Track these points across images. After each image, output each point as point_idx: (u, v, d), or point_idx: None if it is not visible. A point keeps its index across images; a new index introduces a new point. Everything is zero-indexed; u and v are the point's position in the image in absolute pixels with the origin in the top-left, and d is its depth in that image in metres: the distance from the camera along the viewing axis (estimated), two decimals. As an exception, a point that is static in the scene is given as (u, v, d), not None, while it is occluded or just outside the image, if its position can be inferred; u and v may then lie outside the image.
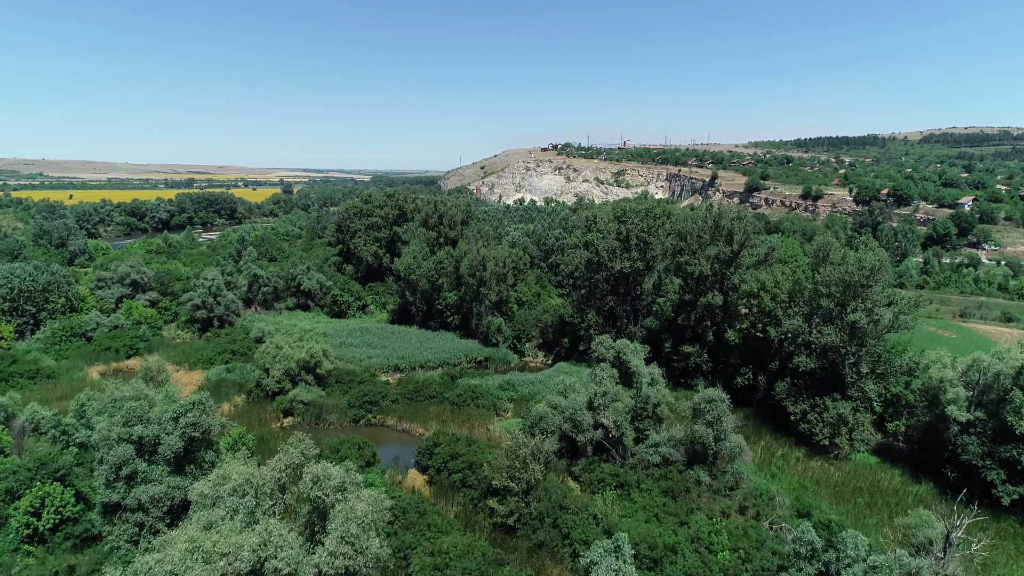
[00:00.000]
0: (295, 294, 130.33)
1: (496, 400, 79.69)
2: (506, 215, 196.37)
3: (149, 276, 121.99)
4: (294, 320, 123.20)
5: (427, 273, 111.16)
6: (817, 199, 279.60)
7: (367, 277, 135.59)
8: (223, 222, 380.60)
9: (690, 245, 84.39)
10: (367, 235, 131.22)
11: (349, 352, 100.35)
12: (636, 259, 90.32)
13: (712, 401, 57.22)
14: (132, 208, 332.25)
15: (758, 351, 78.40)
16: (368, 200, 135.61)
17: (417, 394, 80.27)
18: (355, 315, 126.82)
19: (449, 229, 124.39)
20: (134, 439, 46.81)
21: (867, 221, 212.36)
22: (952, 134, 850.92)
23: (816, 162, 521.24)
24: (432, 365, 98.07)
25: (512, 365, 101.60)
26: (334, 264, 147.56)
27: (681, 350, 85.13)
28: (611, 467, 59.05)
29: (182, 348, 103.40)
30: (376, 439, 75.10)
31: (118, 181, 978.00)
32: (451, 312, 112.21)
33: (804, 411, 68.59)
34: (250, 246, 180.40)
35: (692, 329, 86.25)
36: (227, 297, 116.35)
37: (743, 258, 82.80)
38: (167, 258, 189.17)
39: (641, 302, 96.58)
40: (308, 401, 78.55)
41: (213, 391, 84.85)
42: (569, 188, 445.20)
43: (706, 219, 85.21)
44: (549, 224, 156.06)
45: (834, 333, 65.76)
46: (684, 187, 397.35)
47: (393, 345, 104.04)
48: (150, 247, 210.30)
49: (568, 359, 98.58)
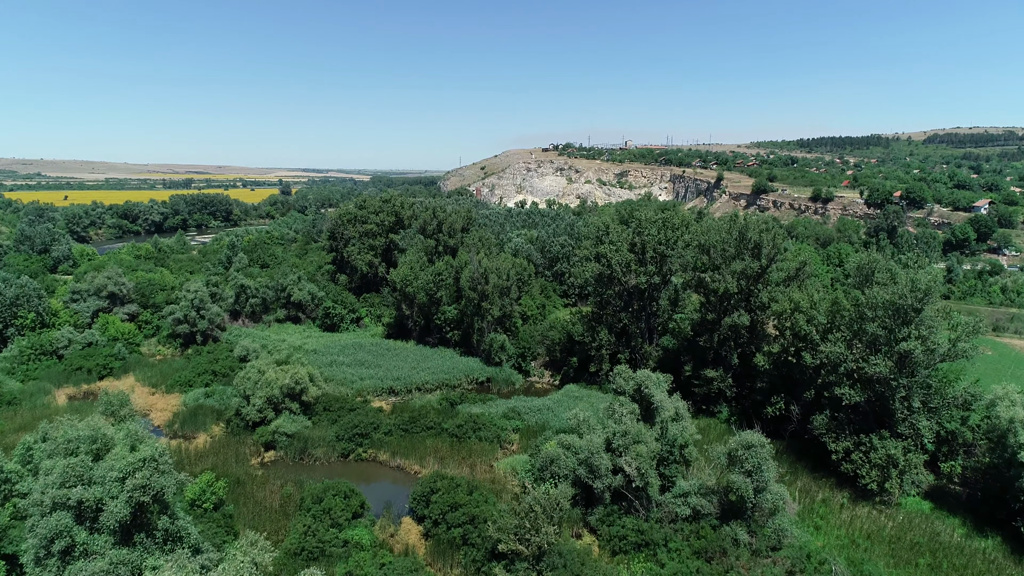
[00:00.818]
0: (285, 305, 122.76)
1: (500, 431, 72.11)
2: (508, 220, 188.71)
3: (129, 288, 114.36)
4: (283, 334, 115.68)
5: (425, 286, 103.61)
6: (827, 201, 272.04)
7: (362, 287, 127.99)
8: (218, 224, 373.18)
9: (713, 259, 76.77)
10: (361, 243, 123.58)
11: (340, 372, 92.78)
12: (652, 273, 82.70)
13: (751, 447, 49.63)
14: (124, 210, 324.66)
15: (791, 377, 70.79)
16: (363, 206, 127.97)
17: (413, 425, 72.65)
18: (348, 328, 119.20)
19: (448, 237, 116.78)
20: (72, 504, 39.31)
21: (882, 225, 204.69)
22: (957, 134, 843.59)
23: (821, 163, 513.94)
24: (430, 387, 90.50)
25: (517, 386, 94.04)
26: (327, 273, 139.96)
27: (703, 374, 77.52)
28: (633, 521, 51.43)
29: (160, 368, 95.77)
30: (367, 476, 67.66)
31: (116, 181, 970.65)
32: (450, 327, 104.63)
33: (847, 449, 61.01)
34: (241, 252, 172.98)
35: (715, 351, 78.63)
36: (211, 310, 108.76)
37: (771, 273, 75.18)
38: (155, 264, 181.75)
39: (657, 319, 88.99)
40: (292, 433, 70.94)
41: (189, 419, 77.57)
42: (571, 189, 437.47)
43: (730, 230, 77.56)
44: (554, 230, 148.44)
45: (882, 363, 58.15)
46: (688, 189, 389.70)
47: (388, 364, 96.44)
48: (138, 252, 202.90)
49: (577, 380, 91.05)
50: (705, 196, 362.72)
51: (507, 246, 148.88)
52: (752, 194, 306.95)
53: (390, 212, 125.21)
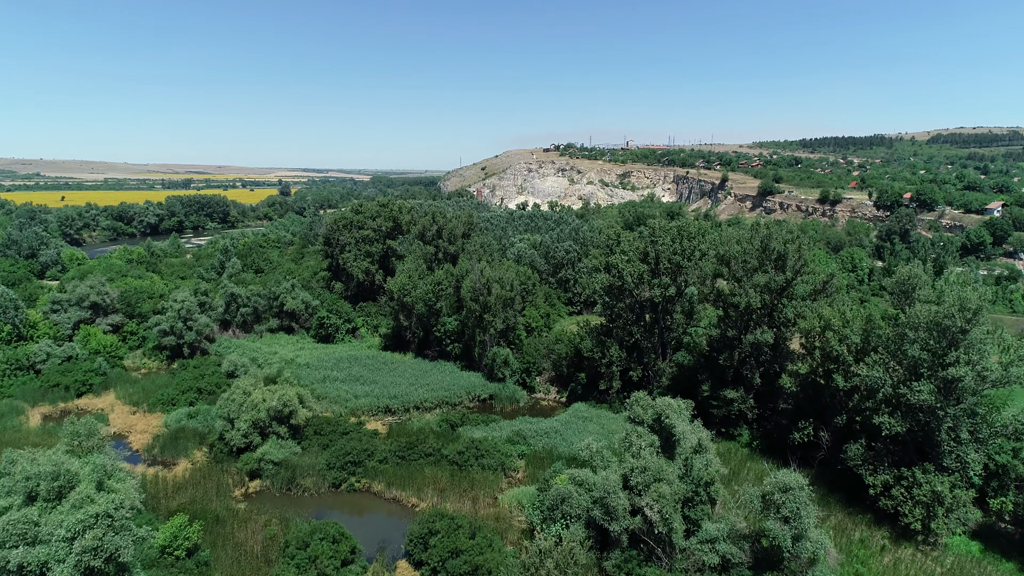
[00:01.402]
0: (278, 315, 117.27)
1: (504, 458, 66.63)
2: (509, 223, 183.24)
3: (113, 297, 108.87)
4: (275, 346, 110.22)
5: (424, 296, 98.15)
6: (835, 203, 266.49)
7: (358, 295, 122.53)
8: (215, 226, 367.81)
9: (734, 271, 71.23)
10: (358, 249, 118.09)
11: (333, 389, 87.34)
12: (667, 285, 77.19)
13: (788, 490, 44.15)
14: (119, 212, 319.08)
15: (820, 400, 65.29)
16: (359, 210, 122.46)
17: (410, 451, 67.16)
18: (344, 340, 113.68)
19: (449, 243, 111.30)
20: (12, 568, 33.99)
21: (894, 228, 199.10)
22: (960, 134, 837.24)
23: (825, 163, 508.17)
24: (429, 405, 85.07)
25: (521, 404, 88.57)
26: (323, 279, 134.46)
27: (723, 395, 71.98)
28: (655, 571, 45.98)
29: (143, 384, 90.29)
30: (360, 509, 62.27)
31: (115, 182, 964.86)
32: (451, 340, 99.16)
33: (887, 484, 55.56)
34: (234, 257, 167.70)
35: (735, 369, 73.12)
36: (199, 321, 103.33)
37: (796, 287, 69.65)
38: (146, 268, 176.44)
39: (671, 333, 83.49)
40: (279, 460, 65.47)
41: (170, 443, 72.18)
42: (573, 190, 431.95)
43: (752, 240, 72.07)
44: (558, 235, 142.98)
45: (926, 389, 52.66)
46: (692, 190, 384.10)
47: (384, 380, 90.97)
48: (130, 255, 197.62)
49: (586, 398, 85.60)
50: (709, 197, 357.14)
51: (509, 251, 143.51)
52: (758, 196, 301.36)
53: (388, 217, 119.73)
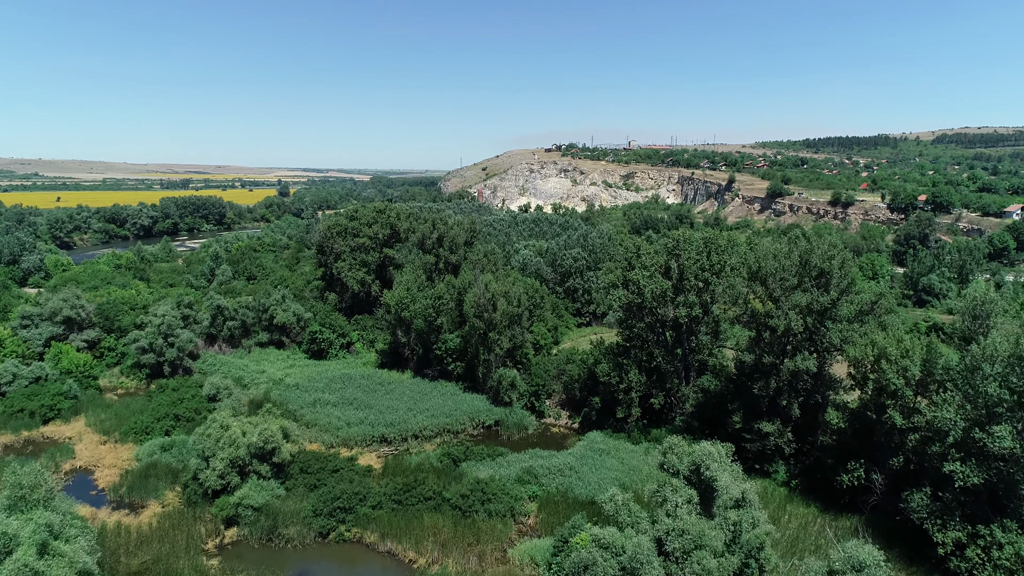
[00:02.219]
0: (267, 328, 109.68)
1: (514, 501, 59.07)
2: (513, 228, 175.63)
3: (88, 311, 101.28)
4: (264, 363, 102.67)
5: (423, 311, 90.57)
6: (847, 206, 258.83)
7: (353, 307, 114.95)
8: (211, 228, 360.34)
9: (771, 291, 63.58)
10: (353, 258, 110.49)
11: (324, 415, 79.76)
12: (693, 304, 69.57)
13: (862, 569, 36.58)
14: (112, 214, 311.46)
15: (872, 438, 57.67)
16: (354, 217, 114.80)
17: (408, 494, 59.56)
18: (338, 355, 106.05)
19: (450, 253, 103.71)
20: None
21: (913, 233, 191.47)
22: (966, 134, 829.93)
23: (831, 164, 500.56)
24: (429, 433, 77.48)
25: (530, 431, 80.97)
26: (316, 289, 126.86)
27: (757, 427, 64.35)
28: (700, 661, 38.38)
29: (116, 409, 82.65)
30: (351, 561, 54.79)
31: (113, 182, 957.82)
32: (452, 358, 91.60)
33: (959, 542, 47.96)
34: (224, 264, 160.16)
35: (770, 399, 65.49)
36: (181, 337, 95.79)
37: (841, 307, 62.01)
38: (134, 275, 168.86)
39: (696, 355, 75.87)
40: (260, 505, 57.88)
41: (139, 481, 64.62)
42: (576, 191, 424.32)
43: (789, 255, 64.45)
44: (565, 242, 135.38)
45: (1008, 435, 45.12)
46: (698, 191, 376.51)
47: (380, 403, 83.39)
48: (119, 261, 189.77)
49: (601, 426, 77.93)
50: (716, 199, 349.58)
51: (514, 259, 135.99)
52: (767, 198, 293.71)
53: (385, 224, 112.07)
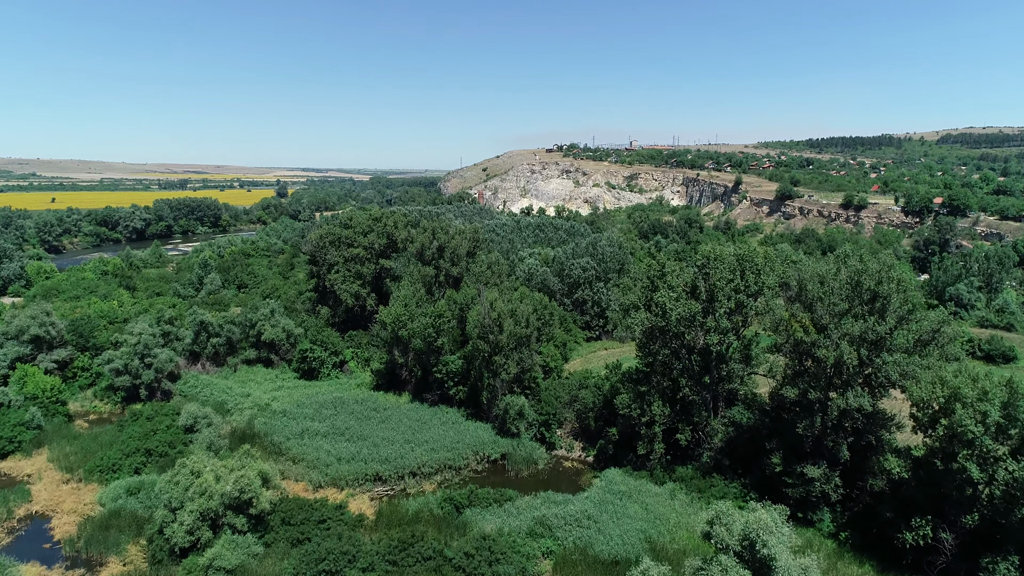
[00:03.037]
0: (255, 345, 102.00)
1: (525, 561, 51.42)
2: (516, 233, 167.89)
3: (60, 328, 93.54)
4: (250, 384, 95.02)
5: (422, 330, 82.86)
6: (860, 209, 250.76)
7: (347, 322, 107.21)
8: (206, 230, 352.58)
9: (817, 316, 55.84)
10: (347, 270, 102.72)
11: (313, 448, 72.12)
12: (725, 330, 61.88)
13: None
14: (104, 217, 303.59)
15: (938, 489, 49.98)
16: (348, 224, 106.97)
17: (404, 553, 51.82)
18: (330, 375, 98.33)
19: (452, 265, 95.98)
20: None
21: (933, 238, 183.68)
22: (971, 134, 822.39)
23: (836, 164, 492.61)
24: (428, 470, 69.78)
25: (540, 465, 73.26)
26: (309, 300, 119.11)
27: (801, 472, 56.65)
28: None
29: (84, 441, 74.87)
30: (337, 636, 46.97)
31: (110, 182, 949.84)
32: (454, 382, 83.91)
33: (1059, 626, 40.32)
34: (213, 272, 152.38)
35: (815, 439, 57.80)
36: (160, 358, 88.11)
37: (898, 336, 54.29)
38: (119, 283, 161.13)
39: (726, 384, 68.16)
40: (233, 567, 50.18)
41: (99, 532, 56.96)
42: (578, 193, 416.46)
43: (837, 274, 56.74)
44: (573, 250, 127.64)
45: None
46: (704, 193, 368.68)
47: (375, 434, 75.71)
48: (105, 267, 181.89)
49: (619, 461, 70.23)
50: (722, 201, 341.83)
51: (518, 268, 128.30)
52: (776, 200, 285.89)
53: (381, 233, 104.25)
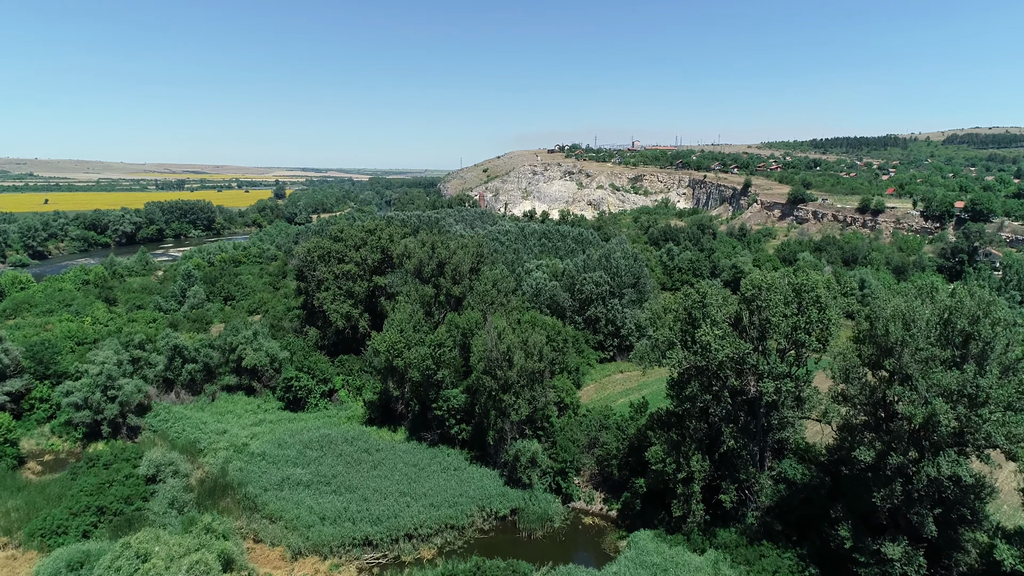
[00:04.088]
0: (236, 371, 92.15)
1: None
2: (521, 241, 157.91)
3: (15, 355, 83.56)
4: (228, 416, 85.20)
5: (419, 362, 73.00)
6: (877, 213, 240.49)
7: (338, 344, 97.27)
8: (199, 234, 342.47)
9: (902, 362, 45.89)
10: (337, 287, 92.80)
11: (293, 503, 62.34)
12: (782, 375, 51.99)
13: None
14: (92, 220, 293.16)
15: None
16: (339, 237, 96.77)
17: (395, 660, 41.90)
18: (317, 406, 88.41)
19: (453, 284, 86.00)
20: None
21: (961, 246, 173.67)
22: (977, 135, 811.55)
23: (843, 165, 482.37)
24: (427, 531, 59.87)
25: (556, 523, 63.32)
26: (298, 318, 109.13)
27: (876, 549, 46.78)
28: None
29: (28, 495, 64.79)
30: None
31: (107, 182, 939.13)
32: (456, 419, 74.01)
33: None
34: (198, 283, 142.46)
35: (893, 509, 47.90)
36: (125, 389, 78.27)
37: (1002, 390, 44.37)
38: (99, 294, 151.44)
39: (776, 433, 58.25)
40: None
41: (29, 624, 46.85)
42: (582, 195, 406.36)
43: (921, 310, 46.80)
44: (584, 263, 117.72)
45: None
46: (711, 195, 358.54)
47: (365, 484, 65.82)
48: (86, 276, 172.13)
49: (648, 520, 60.33)
50: (730, 204, 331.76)
51: (525, 282, 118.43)
52: (788, 203, 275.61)
53: (375, 247, 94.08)
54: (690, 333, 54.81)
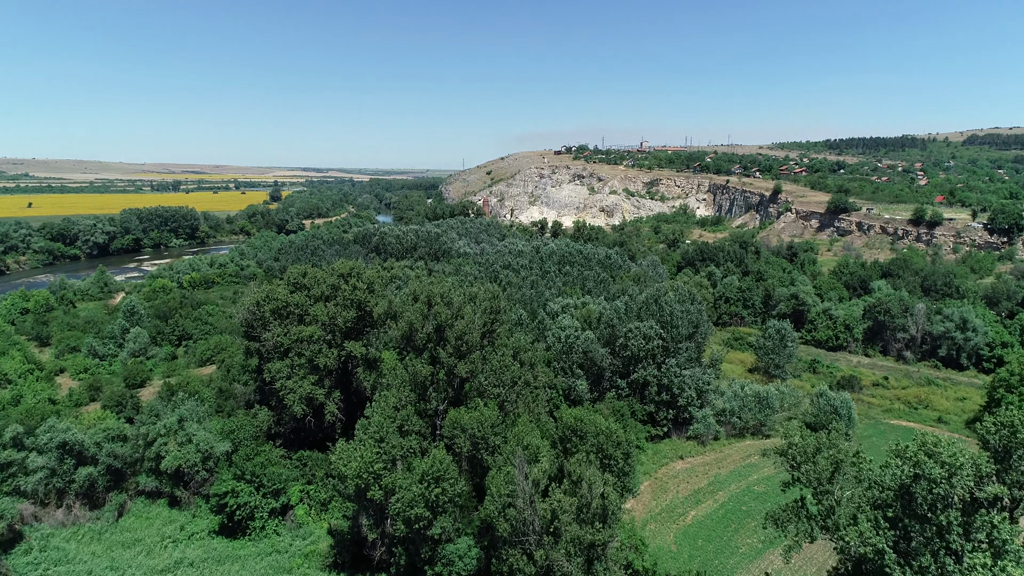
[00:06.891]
0: (154, 471, 65.81)
1: None
2: (537, 265, 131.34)
3: None
4: (132, 551, 59.00)
5: (405, 506, 46.54)
6: (934, 225, 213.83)
7: (298, 433, 70.65)
8: (181, 243, 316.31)
9: None
10: (297, 357, 66.22)
11: None
12: None
13: None
14: (60, 230, 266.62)
15: None
16: (300, 284, 69.44)
17: None
18: (264, 530, 61.92)
19: (458, 357, 59.54)
20: None
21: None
22: (998, 135, 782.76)
23: (868, 168, 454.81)
24: None
25: None
26: (253, 380, 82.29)
27: None
28: None
29: None
30: None
31: (102, 183, 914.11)
32: (463, 590, 47.55)
33: None
34: (145, 320, 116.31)
35: None
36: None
37: None
38: (31, 330, 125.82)
39: None
40: None
41: None
42: (594, 201, 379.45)
43: None
44: (626, 307, 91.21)
45: None
46: (734, 202, 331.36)
47: None
48: (26, 304, 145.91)
49: None
50: (757, 212, 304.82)
51: (550, 329, 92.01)
52: (827, 213, 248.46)
53: (347, 300, 66.98)
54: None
